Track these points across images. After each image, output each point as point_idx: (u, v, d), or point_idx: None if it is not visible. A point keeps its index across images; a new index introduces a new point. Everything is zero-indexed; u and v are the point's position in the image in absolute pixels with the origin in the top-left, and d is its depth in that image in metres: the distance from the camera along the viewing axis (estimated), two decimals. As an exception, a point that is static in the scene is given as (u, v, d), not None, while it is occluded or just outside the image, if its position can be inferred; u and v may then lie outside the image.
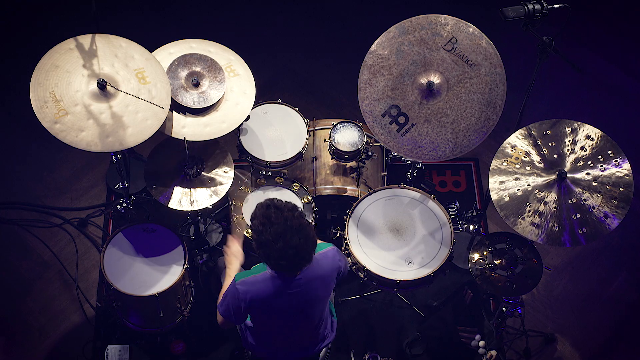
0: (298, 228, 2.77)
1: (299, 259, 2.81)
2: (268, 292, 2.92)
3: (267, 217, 2.78)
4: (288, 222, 2.76)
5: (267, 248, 2.79)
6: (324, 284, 3.00)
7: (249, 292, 2.93)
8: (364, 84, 3.55)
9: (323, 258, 3.00)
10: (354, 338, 4.02)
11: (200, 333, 3.97)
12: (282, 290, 2.92)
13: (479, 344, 3.93)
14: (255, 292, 2.93)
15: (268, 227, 2.77)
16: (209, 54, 3.68)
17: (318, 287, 2.98)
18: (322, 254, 3.00)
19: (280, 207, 2.81)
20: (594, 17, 5.41)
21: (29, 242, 4.31)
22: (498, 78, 3.46)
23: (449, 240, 3.62)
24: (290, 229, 2.76)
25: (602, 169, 3.23)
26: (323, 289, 3.01)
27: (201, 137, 3.53)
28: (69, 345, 3.99)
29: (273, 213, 2.78)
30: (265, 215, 2.80)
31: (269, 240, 2.76)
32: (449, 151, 3.50)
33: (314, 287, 2.96)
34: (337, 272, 3.04)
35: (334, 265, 3.02)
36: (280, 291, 2.92)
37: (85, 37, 3.45)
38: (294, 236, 2.76)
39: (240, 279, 2.96)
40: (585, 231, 3.17)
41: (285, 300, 2.94)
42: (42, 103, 3.26)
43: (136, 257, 3.62)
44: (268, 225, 2.77)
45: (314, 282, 2.95)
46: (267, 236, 2.76)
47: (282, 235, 2.75)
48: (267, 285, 2.92)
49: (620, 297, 4.27)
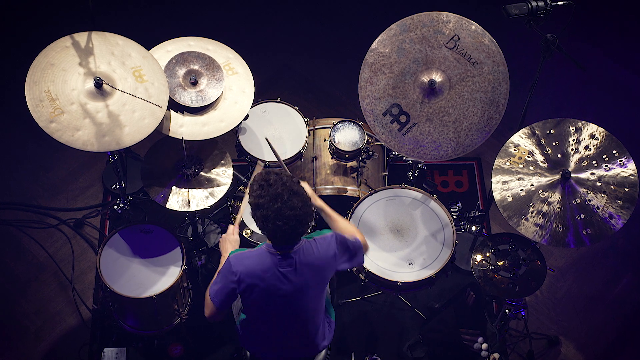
0: (296, 191, 2.80)
1: (296, 222, 2.80)
2: (260, 266, 2.91)
3: (265, 180, 2.81)
4: (287, 184, 2.79)
5: (264, 209, 2.79)
6: (317, 271, 2.95)
7: (241, 265, 2.92)
8: (365, 82, 3.54)
9: (321, 242, 2.97)
10: (355, 340, 4.03)
11: (199, 335, 3.96)
12: (274, 266, 2.90)
13: (481, 347, 3.92)
14: (248, 265, 2.91)
15: (267, 189, 2.79)
16: (207, 52, 3.68)
17: (309, 273, 2.94)
18: (321, 238, 2.99)
19: (279, 173, 2.85)
20: (599, 14, 5.43)
21: (24, 243, 4.31)
22: (501, 76, 3.46)
23: (451, 241, 3.62)
24: (288, 191, 2.78)
25: (607, 169, 3.23)
26: (315, 277, 2.97)
27: (199, 137, 3.53)
28: (65, 348, 3.98)
29: (272, 177, 2.81)
30: (264, 178, 2.82)
31: (267, 202, 2.77)
32: (451, 151, 3.50)
33: (305, 271, 2.93)
34: (333, 258, 2.98)
35: (329, 251, 2.97)
36: (272, 267, 2.90)
37: (81, 34, 3.45)
38: (292, 198, 2.78)
39: (235, 253, 2.98)
40: (590, 232, 3.16)
41: (275, 279, 2.90)
42: (38, 102, 3.26)
43: (133, 258, 3.62)
44: (266, 187, 2.79)
45: (306, 267, 2.92)
46: (265, 198, 2.78)
47: (280, 196, 2.77)
48: (260, 259, 2.91)
49: (626, 298, 4.28)
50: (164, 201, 3.56)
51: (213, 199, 3.59)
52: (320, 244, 2.96)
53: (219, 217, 4.29)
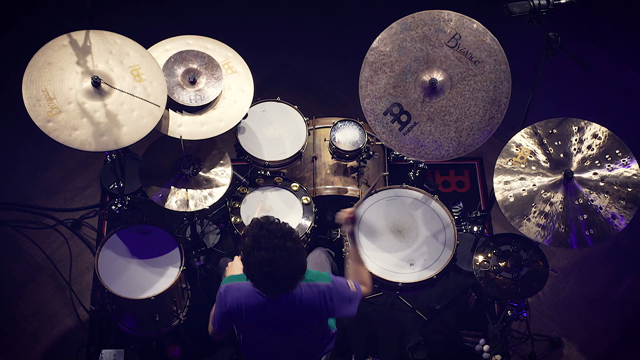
0: (287, 258, 2.71)
1: (281, 285, 2.78)
2: (247, 302, 2.87)
3: (257, 241, 2.73)
4: (277, 253, 2.70)
5: (251, 268, 2.75)
6: (305, 316, 2.88)
7: (230, 297, 2.90)
8: (365, 81, 3.53)
9: (309, 291, 2.87)
10: (355, 342, 4.03)
11: (197, 337, 3.95)
12: (261, 306, 2.86)
13: (483, 349, 3.91)
14: (238, 298, 2.88)
15: (255, 251, 2.73)
16: (206, 50, 3.68)
17: (296, 318, 2.89)
18: (314, 285, 2.89)
19: (273, 231, 2.75)
20: (601, 12, 5.43)
21: (21, 243, 4.30)
22: (503, 75, 3.45)
23: (452, 241, 3.61)
24: (277, 259, 2.70)
25: (610, 169, 3.22)
26: (304, 321, 2.91)
27: (198, 136, 3.53)
28: (62, 349, 3.98)
29: (263, 237, 2.73)
30: (256, 237, 2.74)
31: (256, 263, 2.73)
32: (452, 150, 3.49)
33: (294, 317, 2.88)
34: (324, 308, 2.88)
35: (320, 301, 2.87)
36: (259, 306, 2.86)
37: (79, 33, 3.45)
38: (279, 266, 2.70)
39: (226, 284, 2.95)
40: (593, 232, 3.15)
41: (263, 318, 2.88)
42: (35, 101, 3.26)
43: (131, 259, 3.62)
44: (256, 249, 2.73)
45: (294, 313, 2.86)
46: (253, 259, 2.73)
47: (268, 263, 2.70)
48: (248, 295, 2.87)
49: (629, 299, 4.27)
50: (163, 201, 3.56)
51: (212, 199, 3.59)
52: (313, 291, 2.87)
53: (217, 218, 4.28)
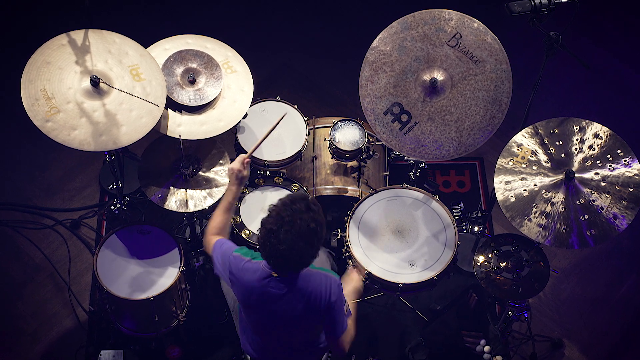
0: (306, 232, 2.68)
1: (288, 256, 2.72)
2: (250, 283, 2.83)
3: (278, 212, 2.70)
4: (295, 228, 2.66)
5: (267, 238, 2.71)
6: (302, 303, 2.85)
7: (234, 273, 2.85)
8: (366, 81, 3.52)
9: (317, 276, 2.85)
10: (356, 343, 3.93)
11: (197, 338, 3.95)
12: (263, 286, 2.82)
13: (484, 349, 3.90)
14: (240, 277, 2.85)
15: (273, 218, 2.69)
16: (206, 50, 3.67)
17: (295, 303, 2.85)
18: (322, 274, 2.87)
19: (298, 210, 2.70)
20: (602, 12, 5.43)
21: (19, 244, 4.31)
22: (504, 75, 3.44)
23: (453, 242, 3.61)
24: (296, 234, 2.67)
25: (611, 169, 3.21)
26: (298, 315, 2.87)
27: (197, 136, 3.52)
28: (61, 350, 3.98)
29: (287, 209, 2.69)
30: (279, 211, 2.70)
31: (274, 241, 2.69)
32: (453, 150, 3.48)
33: (291, 301, 2.84)
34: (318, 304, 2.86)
35: (319, 289, 2.84)
36: (260, 286, 2.82)
37: (77, 32, 3.45)
38: (297, 241, 2.67)
39: (239, 254, 2.88)
40: (594, 233, 3.15)
41: (259, 299, 2.85)
42: (34, 101, 3.26)
43: (130, 259, 3.62)
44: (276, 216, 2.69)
45: (294, 295, 2.83)
46: (274, 238, 2.68)
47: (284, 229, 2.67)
48: (253, 276, 2.83)
49: (630, 300, 4.27)
50: (162, 202, 3.56)
51: (211, 200, 3.58)
52: (320, 278, 2.85)
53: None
